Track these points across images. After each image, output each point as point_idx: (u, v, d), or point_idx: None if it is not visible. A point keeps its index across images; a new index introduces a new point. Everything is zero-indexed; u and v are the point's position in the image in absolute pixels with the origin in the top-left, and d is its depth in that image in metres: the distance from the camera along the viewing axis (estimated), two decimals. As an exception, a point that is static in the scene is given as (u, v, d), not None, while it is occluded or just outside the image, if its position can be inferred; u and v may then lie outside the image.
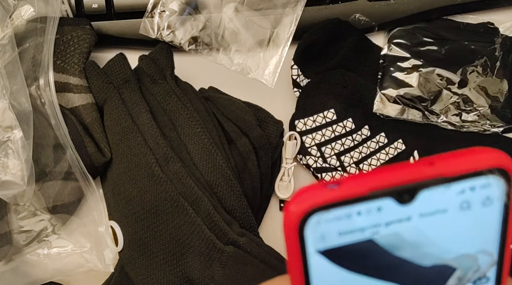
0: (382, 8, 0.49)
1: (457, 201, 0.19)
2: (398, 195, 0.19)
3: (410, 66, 0.49)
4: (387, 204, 0.19)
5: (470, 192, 0.19)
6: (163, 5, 0.45)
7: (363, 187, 0.19)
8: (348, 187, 0.19)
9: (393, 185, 0.19)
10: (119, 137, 0.44)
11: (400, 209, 0.19)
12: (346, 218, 0.19)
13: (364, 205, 0.19)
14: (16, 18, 0.44)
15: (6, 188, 0.40)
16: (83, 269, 0.44)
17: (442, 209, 0.19)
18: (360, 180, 0.19)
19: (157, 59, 0.46)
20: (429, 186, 0.19)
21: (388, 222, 0.19)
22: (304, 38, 0.47)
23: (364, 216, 0.19)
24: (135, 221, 0.43)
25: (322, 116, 0.47)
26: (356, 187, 0.19)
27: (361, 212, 0.19)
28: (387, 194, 0.19)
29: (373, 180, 0.19)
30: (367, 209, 0.19)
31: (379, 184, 0.19)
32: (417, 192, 0.19)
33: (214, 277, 0.41)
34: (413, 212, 0.19)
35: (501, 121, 0.48)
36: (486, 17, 0.50)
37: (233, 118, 0.45)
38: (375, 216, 0.19)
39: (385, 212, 0.19)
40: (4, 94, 0.41)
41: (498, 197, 0.19)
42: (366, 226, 0.19)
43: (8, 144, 0.41)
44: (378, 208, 0.19)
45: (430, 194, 0.19)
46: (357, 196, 0.19)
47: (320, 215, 0.19)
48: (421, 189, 0.19)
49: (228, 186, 0.43)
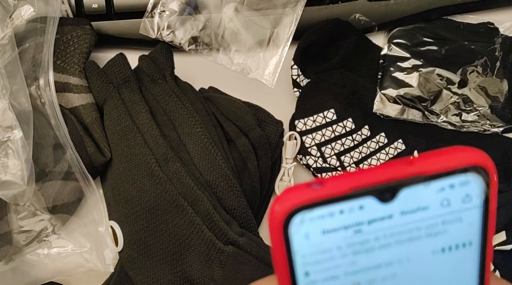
0: (382, 8, 0.49)
1: (437, 198, 0.20)
2: (379, 194, 0.19)
3: (410, 66, 0.49)
4: (368, 202, 0.19)
5: (449, 189, 0.20)
6: (163, 5, 0.45)
7: (345, 186, 0.19)
8: (330, 186, 0.19)
9: (373, 183, 0.19)
10: (119, 137, 0.44)
11: (382, 207, 0.20)
12: (329, 217, 0.19)
13: (346, 203, 0.19)
14: (16, 18, 0.44)
15: (6, 188, 0.40)
16: (83, 269, 0.44)
17: (423, 206, 0.20)
18: (342, 180, 0.20)
19: (157, 59, 0.46)
20: (409, 184, 0.19)
21: (370, 220, 0.20)
22: (304, 38, 0.47)
23: (346, 214, 0.19)
24: (135, 221, 0.43)
25: (322, 116, 0.47)
26: (337, 186, 0.19)
27: (344, 210, 0.19)
28: (368, 193, 0.19)
29: (354, 179, 0.19)
30: (349, 207, 0.19)
31: (360, 183, 0.19)
32: (397, 190, 0.19)
33: (214, 277, 0.41)
34: (394, 210, 0.20)
35: (501, 121, 0.48)
36: (486, 17, 0.50)
37: (233, 118, 0.45)
38: (357, 214, 0.19)
39: (367, 210, 0.19)
40: (4, 94, 0.41)
41: (477, 194, 0.20)
42: (349, 224, 0.20)
43: (8, 144, 0.41)
44: (360, 207, 0.19)
45: (411, 192, 0.20)
46: (339, 195, 0.19)
47: (304, 214, 0.19)
48: (401, 187, 0.19)
49: (227, 186, 0.43)
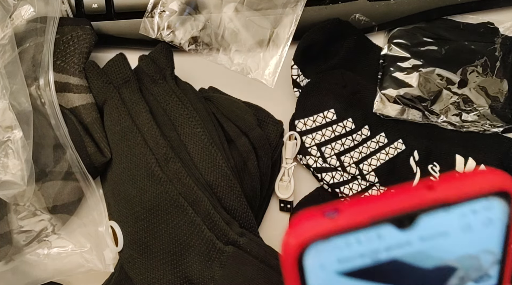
0: (382, 8, 0.49)
1: (458, 224, 0.19)
2: (398, 222, 0.19)
3: (410, 66, 0.49)
4: (387, 230, 0.19)
5: (471, 214, 0.19)
6: (163, 5, 0.45)
7: (363, 215, 0.18)
8: (348, 216, 0.18)
9: (393, 212, 0.19)
10: (119, 137, 0.44)
11: (400, 235, 0.19)
12: (345, 247, 0.19)
13: (364, 233, 0.19)
14: (16, 18, 0.44)
15: (6, 188, 0.40)
16: (83, 269, 0.44)
17: (443, 231, 0.19)
18: (360, 209, 0.19)
19: (157, 59, 0.46)
20: (430, 211, 0.19)
21: (387, 247, 0.19)
22: (304, 38, 0.47)
23: (363, 244, 0.19)
24: (135, 221, 0.43)
25: (322, 116, 0.47)
26: (355, 216, 0.18)
27: (361, 240, 0.19)
28: (387, 221, 0.19)
29: (373, 208, 0.19)
30: (367, 237, 0.19)
31: (379, 212, 0.18)
32: (417, 217, 0.19)
33: (214, 277, 0.41)
34: (413, 237, 0.19)
35: (501, 121, 0.48)
36: (486, 17, 0.50)
37: (233, 118, 0.45)
38: (375, 243, 0.19)
39: (385, 238, 0.19)
40: (4, 94, 0.41)
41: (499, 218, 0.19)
42: (366, 252, 0.19)
43: (8, 144, 0.41)
44: (378, 235, 0.19)
45: (431, 219, 0.19)
46: (356, 226, 0.18)
47: (319, 246, 0.19)
48: (421, 214, 0.19)
49: (227, 186, 0.43)
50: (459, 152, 0.48)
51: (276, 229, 0.48)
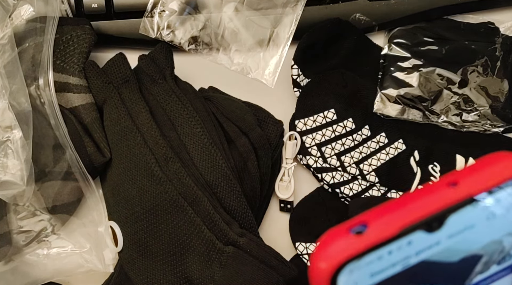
0: (383, 8, 0.49)
1: (483, 215, 0.19)
2: (427, 226, 0.18)
3: (411, 66, 0.49)
4: (417, 236, 0.18)
5: (495, 203, 0.19)
6: (163, 5, 0.45)
7: (393, 227, 0.18)
8: (377, 230, 0.18)
9: (422, 217, 0.18)
10: (119, 137, 0.43)
11: (430, 237, 0.19)
12: (377, 261, 0.18)
13: (394, 244, 0.18)
14: (15, 18, 0.44)
15: (5, 188, 0.40)
16: (83, 269, 0.44)
17: (470, 225, 0.19)
18: (387, 219, 0.18)
19: (157, 59, 0.45)
20: (458, 209, 0.19)
21: (418, 252, 0.19)
22: (304, 38, 0.47)
23: (394, 254, 0.18)
24: (135, 221, 0.42)
25: (322, 116, 0.47)
26: (385, 229, 0.18)
27: (392, 251, 0.18)
28: (417, 228, 0.18)
29: (401, 216, 0.18)
30: (398, 246, 0.18)
31: (408, 220, 0.18)
32: (446, 217, 0.19)
33: (214, 277, 0.41)
34: (442, 236, 0.19)
35: (501, 121, 0.48)
36: (486, 17, 0.50)
37: (233, 118, 0.45)
38: (406, 250, 0.18)
39: (415, 244, 0.19)
40: (4, 94, 0.41)
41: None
42: (397, 261, 0.19)
43: (8, 144, 0.41)
44: (408, 242, 0.18)
45: (459, 216, 0.19)
46: (387, 239, 0.18)
47: (352, 266, 0.18)
48: (450, 214, 0.18)
49: (227, 186, 0.43)
50: (460, 152, 0.48)
51: (276, 229, 0.48)
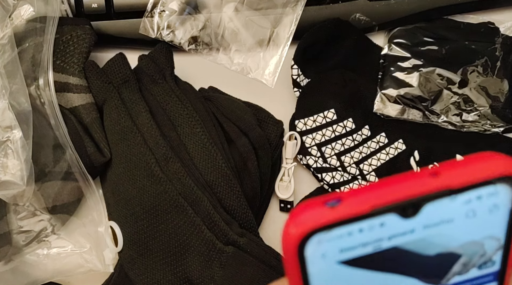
0: (382, 8, 0.49)
1: (462, 210, 0.19)
2: (401, 210, 0.18)
3: (411, 66, 0.49)
4: (390, 219, 0.18)
5: (476, 201, 0.18)
6: (163, 5, 0.45)
7: (365, 204, 0.18)
8: (349, 205, 0.18)
9: (396, 200, 0.18)
10: (119, 137, 0.43)
11: (404, 223, 0.18)
12: (347, 236, 0.18)
13: (366, 222, 0.18)
14: (15, 18, 0.44)
15: (5, 188, 0.40)
16: (83, 269, 0.44)
17: (447, 219, 0.19)
18: (361, 197, 0.18)
19: (157, 59, 0.45)
20: (434, 199, 0.18)
21: (390, 236, 0.19)
22: (304, 38, 0.47)
23: (366, 233, 0.18)
24: (135, 221, 0.42)
25: (322, 116, 0.47)
26: (357, 205, 0.18)
27: (363, 229, 0.18)
28: (390, 210, 0.18)
29: (375, 196, 0.18)
30: (369, 225, 0.18)
31: (381, 201, 0.18)
32: (421, 205, 0.18)
33: (214, 277, 0.41)
34: (417, 225, 0.18)
35: (501, 121, 0.48)
36: (486, 17, 0.50)
37: (233, 118, 0.45)
38: (378, 232, 0.18)
39: (388, 227, 0.18)
40: (4, 94, 0.41)
41: (505, 204, 0.19)
42: (368, 242, 0.18)
43: (8, 144, 0.41)
44: (380, 224, 0.18)
45: (435, 207, 0.18)
46: (358, 215, 0.18)
47: (321, 236, 0.18)
48: (425, 202, 0.18)
49: (227, 186, 0.43)
50: (460, 152, 0.48)
51: (276, 229, 0.48)
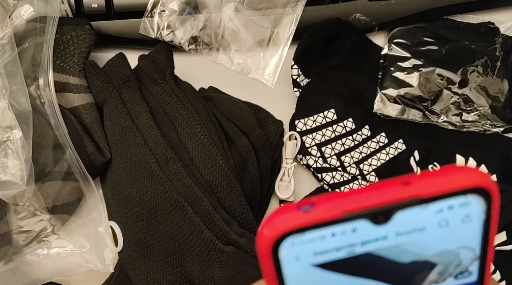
0: (382, 8, 0.49)
1: (435, 220, 0.19)
2: (372, 217, 0.19)
3: (411, 66, 0.49)
4: (362, 225, 0.19)
5: (448, 210, 0.19)
6: (163, 5, 0.45)
7: (337, 210, 0.19)
8: (321, 209, 0.19)
9: (367, 207, 0.19)
10: (119, 137, 0.43)
11: (376, 229, 0.19)
12: (320, 240, 0.19)
13: (338, 227, 0.19)
14: (15, 18, 0.44)
15: (5, 188, 0.40)
16: (83, 269, 0.44)
17: (420, 227, 0.19)
18: (333, 202, 0.19)
19: (157, 59, 0.45)
20: (405, 207, 0.19)
21: (363, 242, 0.19)
22: (304, 38, 0.47)
23: (338, 237, 0.19)
24: (135, 221, 0.42)
25: (322, 116, 0.47)
26: (329, 210, 0.19)
27: (336, 233, 0.19)
28: (361, 216, 0.19)
29: (346, 202, 0.19)
30: (341, 230, 0.19)
31: (353, 207, 0.19)
32: (392, 213, 0.19)
33: (214, 277, 0.41)
34: (389, 232, 0.19)
35: (501, 121, 0.48)
36: (486, 17, 0.50)
37: (233, 118, 0.45)
38: (350, 237, 0.19)
39: (360, 233, 0.19)
40: (4, 94, 0.41)
41: (477, 215, 0.19)
42: (341, 246, 0.19)
43: (8, 144, 0.41)
44: (352, 229, 0.19)
45: (407, 215, 0.19)
46: (330, 219, 0.19)
47: (294, 238, 0.19)
48: (396, 210, 0.19)
49: (227, 186, 0.43)
50: (460, 152, 0.48)
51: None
